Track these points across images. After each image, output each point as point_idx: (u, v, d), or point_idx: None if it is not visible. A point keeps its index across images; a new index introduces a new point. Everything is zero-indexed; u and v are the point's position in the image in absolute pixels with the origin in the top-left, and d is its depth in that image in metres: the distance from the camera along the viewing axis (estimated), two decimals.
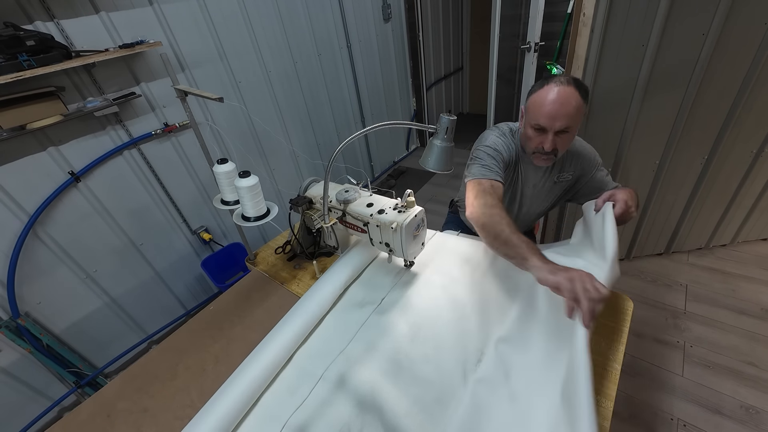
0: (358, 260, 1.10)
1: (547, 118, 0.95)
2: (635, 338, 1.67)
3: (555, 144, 0.98)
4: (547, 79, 0.97)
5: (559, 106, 0.93)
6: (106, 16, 1.48)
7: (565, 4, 2.57)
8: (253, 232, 2.33)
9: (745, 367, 1.50)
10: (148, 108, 1.69)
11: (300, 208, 1.09)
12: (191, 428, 0.73)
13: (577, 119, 0.95)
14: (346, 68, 2.68)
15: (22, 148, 1.38)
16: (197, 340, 0.99)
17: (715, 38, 1.32)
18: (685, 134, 1.57)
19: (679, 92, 1.47)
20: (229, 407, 0.75)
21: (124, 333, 1.84)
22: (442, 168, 0.85)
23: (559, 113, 0.93)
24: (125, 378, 0.92)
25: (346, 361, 0.85)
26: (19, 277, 1.44)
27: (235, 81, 1.98)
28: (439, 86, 3.68)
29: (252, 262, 1.26)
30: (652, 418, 1.39)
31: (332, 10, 2.42)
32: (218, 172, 1.03)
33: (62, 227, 1.53)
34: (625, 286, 1.92)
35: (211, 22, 1.79)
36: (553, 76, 0.96)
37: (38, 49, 1.25)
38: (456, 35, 3.70)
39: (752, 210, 1.88)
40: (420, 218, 0.96)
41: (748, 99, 1.46)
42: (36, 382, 1.57)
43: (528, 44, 2.08)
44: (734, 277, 1.87)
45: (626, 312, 0.89)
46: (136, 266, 1.81)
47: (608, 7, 1.31)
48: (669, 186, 1.75)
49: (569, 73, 1.49)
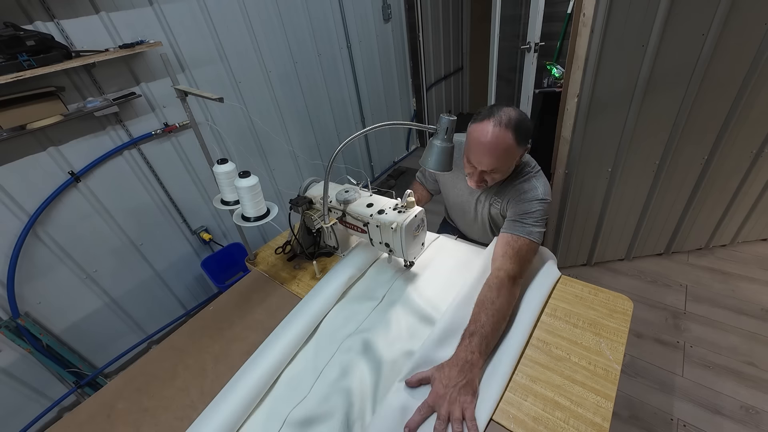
0: (360, 261, 1.10)
1: (475, 157, 0.95)
2: (635, 338, 1.67)
3: (482, 178, 0.99)
4: (492, 110, 0.93)
5: (487, 150, 0.91)
6: (106, 16, 1.48)
7: (565, 4, 2.57)
8: (253, 232, 2.33)
9: (745, 367, 1.49)
10: (148, 108, 1.69)
11: (300, 208, 1.09)
12: (198, 427, 0.74)
13: (506, 161, 0.94)
14: (346, 68, 2.68)
15: (22, 148, 1.38)
16: (197, 340, 0.99)
17: (715, 38, 1.32)
18: (685, 134, 1.57)
19: (679, 92, 1.47)
20: (236, 407, 0.75)
21: (124, 333, 1.84)
22: (442, 168, 0.85)
23: (483, 156, 0.93)
24: (125, 378, 0.92)
25: (347, 353, 0.86)
26: (19, 277, 1.44)
27: (235, 81, 1.98)
28: (439, 86, 3.68)
29: (252, 262, 1.26)
30: (652, 418, 1.39)
31: (332, 10, 2.42)
32: (218, 172, 1.03)
33: (62, 227, 1.53)
34: (625, 286, 1.93)
35: (211, 22, 1.79)
36: (494, 110, 0.93)
37: (38, 49, 1.25)
38: (456, 35, 3.70)
39: (752, 210, 1.88)
40: (420, 218, 0.96)
41: (748, 99, 1.47)
42: (36, 382, 1.57)
43: (528, 44, 2.08)
44: (734, 278, 1.87)
45: (626, 312, 0.89)
46: (136, 266, 1.81)
47: (608, 7, 1.31)
48: (669, 186, 1.75)
49: (569, 73, 1.49)
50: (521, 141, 0.93)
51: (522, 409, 0.73)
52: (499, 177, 1.00)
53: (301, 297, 1.08)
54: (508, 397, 0.75)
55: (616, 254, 2.06)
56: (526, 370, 0.80)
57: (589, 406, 0.71)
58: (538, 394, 0.75)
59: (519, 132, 0.91)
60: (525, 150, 0.98)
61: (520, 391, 0.76)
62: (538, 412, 0.72)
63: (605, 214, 1.85)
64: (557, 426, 0.69)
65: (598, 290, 0.95)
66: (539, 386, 0.76)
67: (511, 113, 0.91)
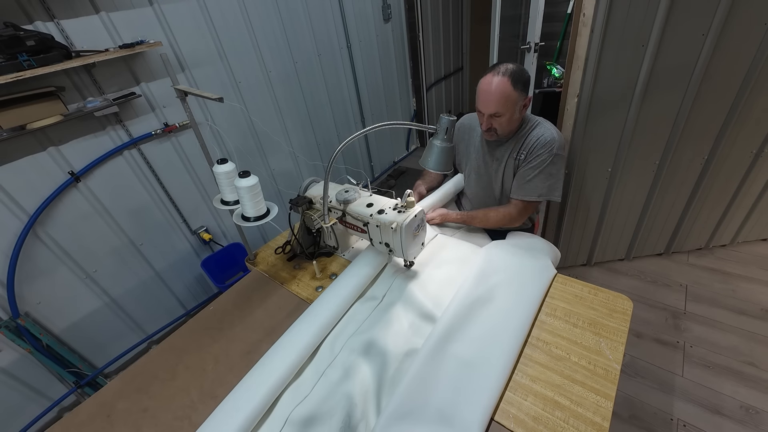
0: (370, 267, 1.07)
1: (480, 104, 1.14)
2: (635, 338, 1.67)
3: (490, 124, 1.16)
4: (495, 66, 1.10)
5: (489, 95, 1.09)
6: (106, 16, 1.48)
7: (565, 4, 2.57)
8: (253, 232, 2.33)
9: (745, 367, 1.50)
10: (148, 108, 1.69)
11: (300, 208, 1.09)
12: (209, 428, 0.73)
13: (506, 105, 1.10)
14: (346, 68, 2.68)
15: (22, 148, 1.38)
16: (197, 340, 0.99)
17: (715, 38, 1.32)
18: (685, 134, 1.57)
19: (679, 92, 1.47)
20: (248, 414, 0.74)
21: (124, 333, 1.84)
22: (442, 168, 0.85)
23: (487, 101, 1.10)
24: (125, 378, 0.92)
25: (348, 353, 0.86)
26: (19, 277, 1.44)
27: (235, 81, 1.98)
28: (439, 86, 3.67)
29: (252, 262, 1.26)
30: (651, 418, 1.39)
31: (332, 10, 2.42)
32: (218, 172, 1.03)
33: (62, 227, 1.53)
34: (625, 286, 1.93)
35: (211, 22, 1.79)
36: (497, 65, 1.10)
37: (38, 49, 1.25)
38: (456, 35, 3.70)
39: (752, 210, 1.88)
40: (420, 218, 0.96)
41: (748, 99, 1.47)
42: (36, 382, 1.57)
43: (528, 44, 2.08)
44: (734, 278, 1.87)
45: (626, 312, 0.89)
46: (136, 266, 1.81)
47: (608, 7, 1.31)
48: (669, 186, 1.75)
49: (569, 73, 1.49)
50: (518, 87, 1.08)
51: (522, 409, 0.73)
52: (505, 123, 1.15)
53: (301, 297, 1.08)
54: (508, 397, 0.75)
55: (616, 254, 2.06)
56: (526, 369, 0.80)
57: (589, 406, 0.72)
58: (538, 394, 0.75)
59: (515, 79, 1.07)
60: (525, 99, 1.13)
61: (520, 390, 0.76)
62: (538, 412, 0.72)
63: (605, 214, 1.85)
64: (557, 426, 0.69)
65: (598, 290, 0.95)
66: (539, 386, 0.76)
67: (509, 66, 1.09)
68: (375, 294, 1.02)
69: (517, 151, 1.23)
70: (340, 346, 0.89)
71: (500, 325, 0.86)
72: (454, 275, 1.03)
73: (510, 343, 0.82)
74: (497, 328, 0.85)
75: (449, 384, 0.76)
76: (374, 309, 0.97)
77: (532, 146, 1.19)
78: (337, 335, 0.92)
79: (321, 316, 0.92)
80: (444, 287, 1.00)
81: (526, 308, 0.90)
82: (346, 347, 0.88)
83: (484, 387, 0.75)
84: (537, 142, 1.18)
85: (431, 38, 3.29)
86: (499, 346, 0.82)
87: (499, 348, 0.82)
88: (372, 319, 0.94)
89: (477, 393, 0.74)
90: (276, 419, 0.76)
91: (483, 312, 0.90)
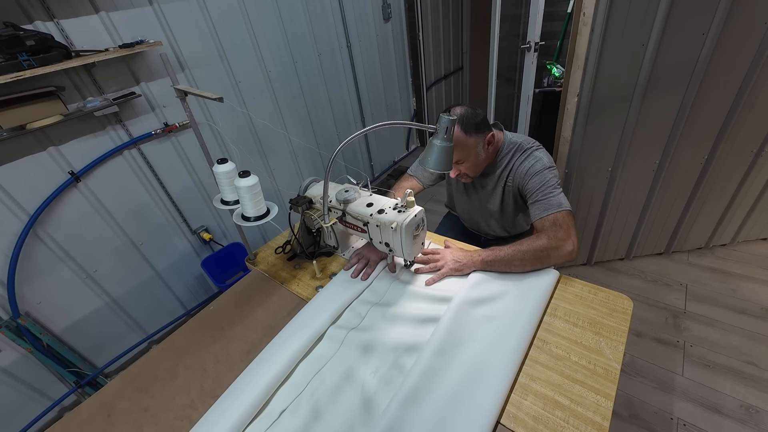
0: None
1: None
2: (635, 338, 1.67)
3: (458, 170, 1.14)
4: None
5: None
6: (105, 16, 1.48)
7: (565, 4, 2.57)
8: (253, 231, 2.33)
9: (745, 366, 1.50)
10: (148, 108, 1.69)
11: (300, 208, 1.09)
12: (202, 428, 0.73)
13: (465, 152, 1.07)
14: (346, 68, 2.67)
15: (22, 148, 1.38)
16: (197, 340, 0.99)
17: (715, 38, 1.32)
18: (685, 134, 1.57)
19: (679, 92, 1.47)
20: (242, 410, 0.75)
21: (124, 333, 1.84)
22: (442, 168, 0.85)
23: None
24: (125, 378, 0.92)
25: (347, 352, 0.86)
26: (19, 277, 1.44)
27: (235, 81, 1.98)
28: (439, 86, 3.67)
29: (252, 262, 1.26)
30: (652, 417, 1.39)
31: (332, 10, 2.42)
32: (218, 172, 1.03)
33: (62, 227, 1.53)
34: (625, 286, 1.93)
35: (211, 22, 1.79)
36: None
37: (38, 49, 1.25)
38: (456, 35, 3.69)
39: (752, 210, 1.88)
40: (420, 218, 0.96)
41: (748, 99, 1.47)
42: (36, 382, 1.57)
43: (528, 44, 2.08)
44: (734, 277, 1.87)
45: (626, 311, 0.89)
46: (136, 266, 1.81)
47: (608, 7, 1.31)
48: (669, 186, 1.75)
49: (569, 73, 1.49)
50: (470, 131, 1.06)
51: (522, 409, 0.73)
52: (472, 166, 1.12)
53: (302, 297, 1.08)
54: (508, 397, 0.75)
55: (616, 254, 2.06)
56: (526, 369, 0.80)
57: (589, 405, 0.72)
58: (538, 394, 0.75)
59: (465, 124, 1.05)
60: (485, 137, 1.09)
61: (520, 390, 0.76)
62: (538, 412, 0.72)
63: (605, 214, 1.85)
64: (557, 425, 0.69)
65: (598, 289, 0.95)
66: (539, 385, 0.76)
67: (456, 110, 1.06)
68: (375, 294, 1.02)
69: (505, 179, 1.17)
70: (338, 346, 0.88)
71: (504, 330, 0.85)
72: (454, 277, 1.03)
73: (515, 347, 0.81)
74: (501, 332, 0.84)
75: (451, 389, 0.75)
76: (374, 308, 0.97)
77: (522, 178, 1.11)
78: (336, 335, 0.92)
79: (316, 318, 0.92)
80: (445, 287, 1.00)
81: (528, 313, 0.88)
82: (345, 346, 0.88)
83: (487, 390, 0.74)
84: (527, 173, 1.10)
85: (431, 38, 3.29)
86: (503, 351, 0.81)
87: (503, 353, 0.80)
88: (372, 319, 0.94)
89: (481, 399, 0.73)
90: (268, 416, 0.76)
91: (486, 315, 0.89)
